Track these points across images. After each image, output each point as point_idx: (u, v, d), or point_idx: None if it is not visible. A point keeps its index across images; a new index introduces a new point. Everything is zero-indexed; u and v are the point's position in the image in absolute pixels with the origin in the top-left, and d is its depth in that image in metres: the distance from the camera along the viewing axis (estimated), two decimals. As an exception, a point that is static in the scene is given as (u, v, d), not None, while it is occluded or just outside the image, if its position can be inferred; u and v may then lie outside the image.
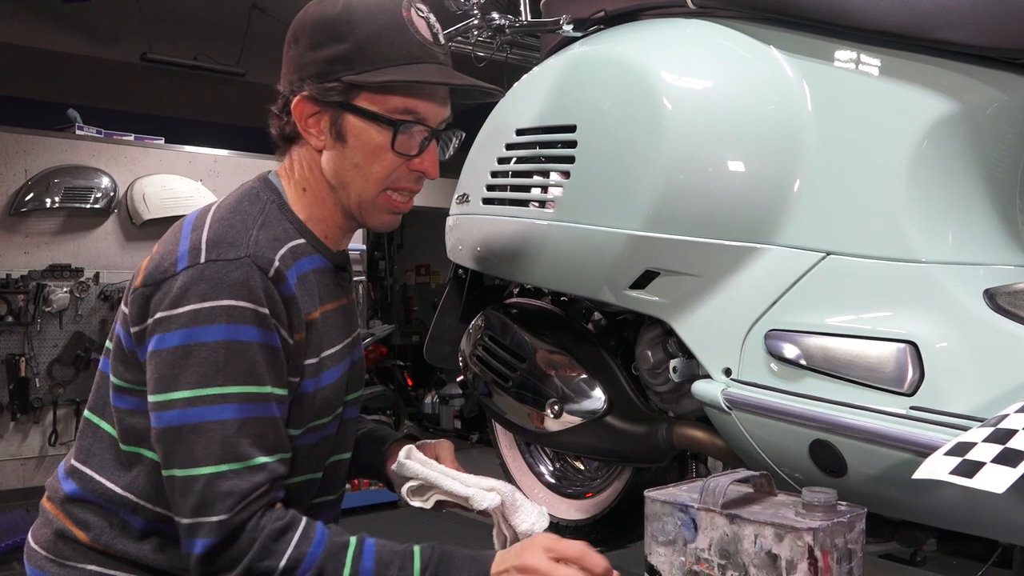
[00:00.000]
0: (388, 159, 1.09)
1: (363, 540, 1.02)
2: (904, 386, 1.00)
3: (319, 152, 1.11)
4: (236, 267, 1.01)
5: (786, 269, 1.14)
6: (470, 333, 1.72)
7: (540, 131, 1.43)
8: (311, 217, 1.14)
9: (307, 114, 1.09)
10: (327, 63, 1.06)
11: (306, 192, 1.14)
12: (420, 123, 1.09)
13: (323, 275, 1.13)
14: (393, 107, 1.07)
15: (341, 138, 1.09)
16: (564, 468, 1.93)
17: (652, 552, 0.98)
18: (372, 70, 1.05)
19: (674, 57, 1.31)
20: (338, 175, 1.11)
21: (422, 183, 1.15)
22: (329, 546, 0.99)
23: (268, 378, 1.01)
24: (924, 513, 1.04)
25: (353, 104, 1.07)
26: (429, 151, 1.12)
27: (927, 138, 1.08)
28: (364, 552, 1.00)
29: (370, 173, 1.10)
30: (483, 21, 1.77)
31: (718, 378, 1.18)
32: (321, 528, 1.01)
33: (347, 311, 1.22)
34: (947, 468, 0.82)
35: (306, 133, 1.10)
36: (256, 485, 0.98)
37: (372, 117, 1.07)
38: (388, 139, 1.08)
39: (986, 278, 1.04)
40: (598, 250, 1.29)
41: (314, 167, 1.12)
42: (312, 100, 1.08)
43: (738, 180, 1.19)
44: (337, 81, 1.06)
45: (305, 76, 1.08)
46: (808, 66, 1.19)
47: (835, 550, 0.87)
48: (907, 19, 1.09)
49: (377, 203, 1.12)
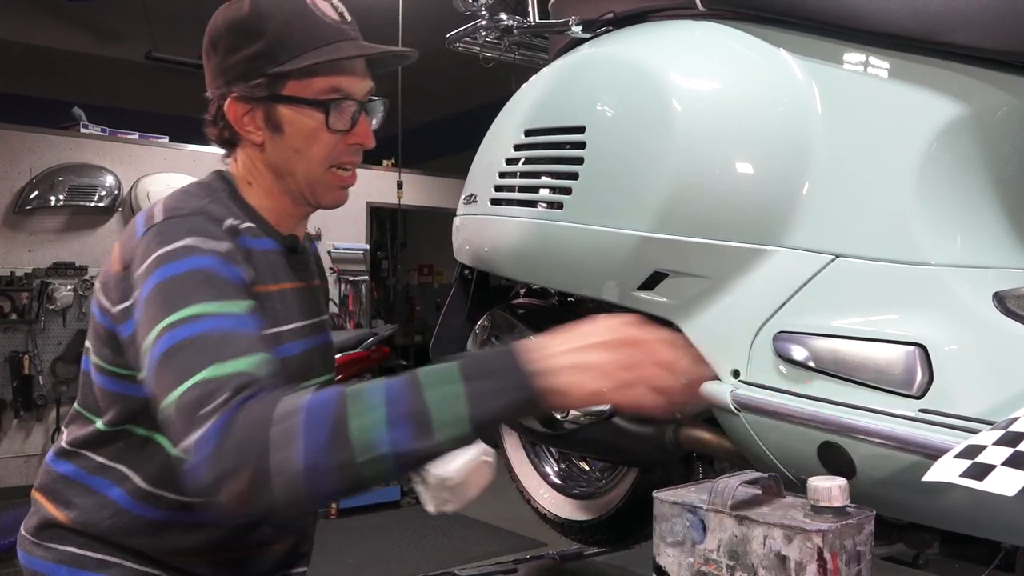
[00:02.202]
0: (325, 139, 1.15)
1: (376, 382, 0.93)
2: (913, 388, 1.00)
3: (259, 147, 1.16)
4: (192, 218, 1.07)
5: (795, 271, 1.14)
6: (476, 333, 1.72)
7: (549, 132, 1.43)
8: (259, 206, 1.19)
9: (240, 114, 1.15)
10: (249, 62, 1.12)
11: (252, 185, 1.19)
12: (347, 98, 1.15)
13: (276, 256, 1.19)
14: (319, 89, 1.13)
15: (278, 129, 1.14)
16: (569, 468, 1.93)
17: (660, 553, 0.98)
18: (292, 59, 1.11)
19: (683, 59, 1.31)
20: (282, 164, 1.17)
21: (360, 154, 1.21)
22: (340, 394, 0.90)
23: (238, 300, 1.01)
24: (933, 516, 1.04)
25: (281, 95, 1.13)
26: (361, 123, 1.18)
27: (937, 141, 1.08)
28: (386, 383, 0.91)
29: (312, 155, 1.16)
30: (491, 22, 1.77)
31: (726, 379, 1.18)
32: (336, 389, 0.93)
33: (309, 294, 1.26)
34: (957, 471, 0.82)
35: (244, 132, 1.16)
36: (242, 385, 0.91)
37: (302, 103, 1.13)
38: (321, 120, 1.14)
39: (995, 281, 1.04)
40: (606, 251, 1.29)
41: (256, 162, 1.18)
42: (242, 100, 1.14)
43: (747, 182, 1.19)
44: (262, 76, 1.12)
45: (231, 79, 1.14)
46: (818, 68, 1.19)
47: (844, 552, 0.87)
48: (917, 22, 1.09)
49: (325, 181, 1.18)
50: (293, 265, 1.23)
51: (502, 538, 4.55)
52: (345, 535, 4.61)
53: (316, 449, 0.85)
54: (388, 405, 0.88)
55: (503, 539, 4.52)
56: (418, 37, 5.99)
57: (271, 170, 1.18)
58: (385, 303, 8.82)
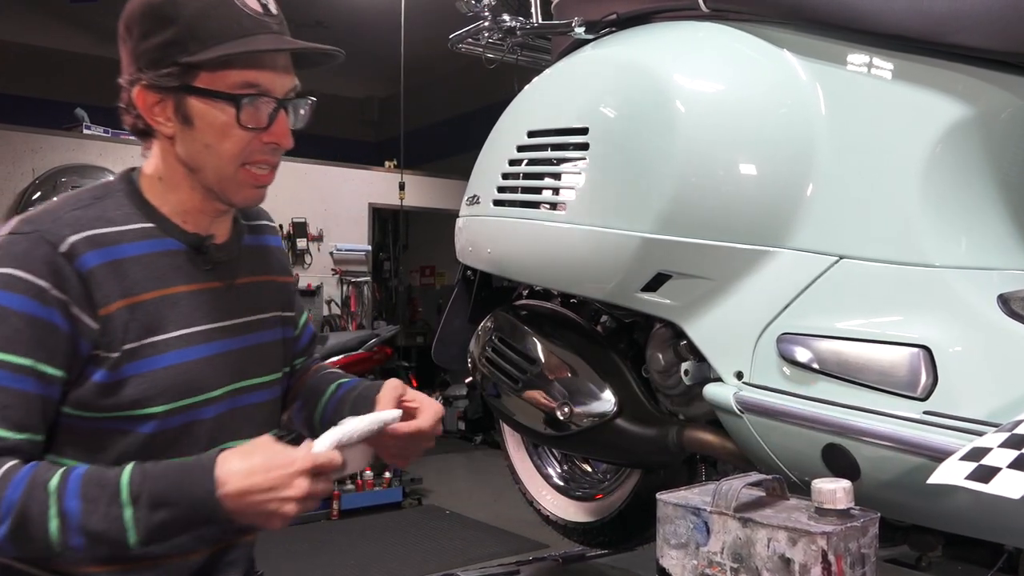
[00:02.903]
0: (237, 135, 1.09)
1: (68, 475, 0.97)
2: (917, 390, 1.00)
3: (170, 139, 1.11)
4: (25, 240, 1.02)
5: (799, 272, 1.14)
6: (479, 335, 1.72)
7: (552, 133, 1.43)
8: (166, 203, 1.14)
9: (149, 103, 1.09)
10: (160, 49, 1.07)
11: (161, 180, 1.14)
12: (263, 94, 1.09)
13: (172, 257, 1.13)
14: (233, 82, 1.07)
15: (188, 121, 1.09)
16: (572, 470, 1.92)
17: (664, 555, 0.98)
18: (204, 49, 1.06)
19: (687, 60, 1.31)
20: (192, 158, 1.11)
21: (279, 154, 1.15)
22: (29, 487, 0.95)
23: (31, 351, 0.99)
24: (938, 518, 1.04)
25: (192, 86, 1.07)
26: (279, 121, 1.11)
27: (941, 142, 1.08)
28: (68, 490, 0.96)
29: (222, 152, 1.10)
30: (494, 23, 1.77)
31: (730, 381, 1.18)
32: (28, 469, 0.97)
33: (219, 295, 1.18)
34: (962, 473, 0.81)
35: (153, 122, 1.10)
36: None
37: (213, 95, 1.08)
38: (233, 115, 1.08)
39: (1000, 283, 1.04)
40: (610, 252, 1.29)
41: (167, 155, 1.13)
42: (152, 88, 1.08)
43: (751, 183, 1.19)
44: (172, 65, 1.06)
45: (141, 66, 1.08)
46: (822, 69, 1.19)
47: (848, 554, 0.87)
48: (921, 23, 1.09)
49: (237, 179, 1.12)
50: (199, 265, 1.16)
51: (504, 539, 4.54)
52: (347, 536, 4.61)
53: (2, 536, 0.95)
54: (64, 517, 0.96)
55: (505, 540, 4.52)
56: (421, 38, 6.01)
57: (182, 164, 1.12)
58: (387, 304, 8.81)
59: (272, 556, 3.16)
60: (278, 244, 1.36)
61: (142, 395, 1.06)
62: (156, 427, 1.08)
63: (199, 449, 1.11)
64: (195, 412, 1.12)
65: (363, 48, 7.60)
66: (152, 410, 1.07)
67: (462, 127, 8.26)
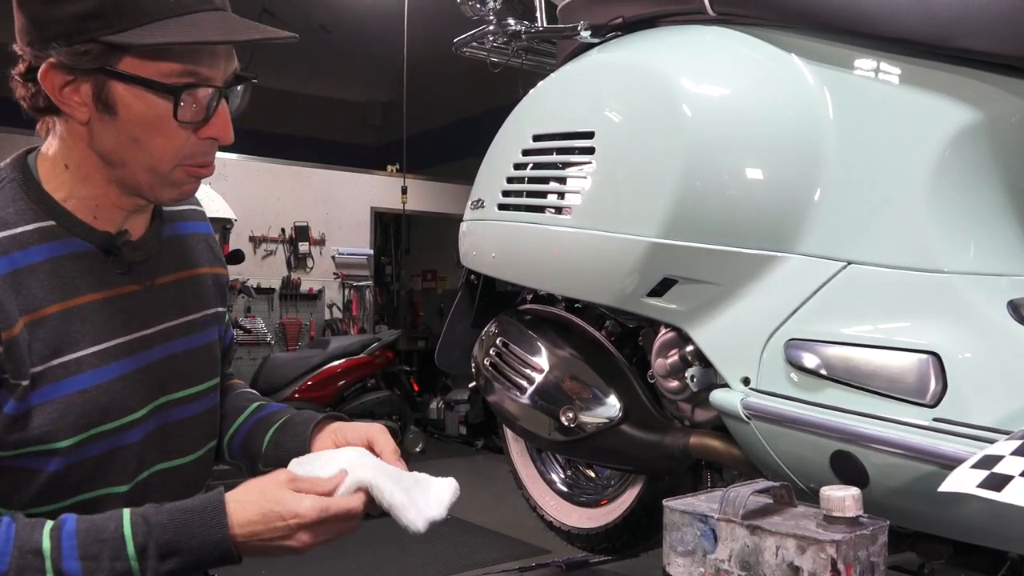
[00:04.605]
0: (172, 131, 0.92)
1: (59, 534, 0.86)
2: (927, 397, 0.99)
3: (84, 125, 0.93)
4: None
5: (806, 278, 1.13)
6: (483, 339, 1.71)
7: (557, 137, 1.42)
8: (72, 196, 0.97)
9: (60, 84, 0.90)
10: (75, 20, 0.87)
11: (68, 169, 0.96)
12: (204, 84, 0.92)
13: (78, 261, 0.96)
14: (169, 71, 0.90)
15: (109, 109, 0.91)
16: (576, 476, 1.91)
17: (670, 563, 0.97)
18: (134, 27, 0.87)
19: (693, 64, 1.30)
20: (114, 151, 0.93)
21: (215, 149, 0.98)
22: (17, 556, 0.84)
23: None
24: (947, 526, 1.03)
25: (117, 70, 0.89)
26: (219, 113, 0.94)
27: (950, 147, 1.07)
28: (64, 551, 0.85)
29: (154, 148, 0.93)
30: (499, 27, 1.76)
31: (736, 387, 1.17)
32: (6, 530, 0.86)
33: (137, 300, 1.02)
34: (974, 481, 0.81)
35: (64, 106, 0.92)
36: None
37: (145, 84, 0.89)
38: (168, 109, 0.91)
39: (1010, 289, 1.03)
40: (615, 257, 1.28)
41: (78, 141, 0.95)
42: (64, 68, 0.89)
43: (758, 188, 1.18)
44: (91, 42, 0.87)
45: (49, 37, 0.88)
46: (829, 74, 1.18)
47: (858, 563, 0.86)
48: (930, 27, 1.08)
49: (172, 178, 0.96)
50: (111, 268, 1.00)
51: (506, 545, 4.53)
52: (347, 541, 4.59)
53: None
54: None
55: (507, 546, 4.50)
56: (424, 41, 6.01)
57: (97, 154, 0.94)
58: (388, 308, 8.81)
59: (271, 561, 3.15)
60: (207, 231, 1.19)
61: (52, 425, 0.92)
62: (72, 459, 0.95)
63: (127, 476, 1.00)
64: (118, 438, 0.98)
65: (366, 52, 7.61)
66: (62, 444, 0.93)
67: (465, 131, 8.27)
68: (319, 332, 7.33)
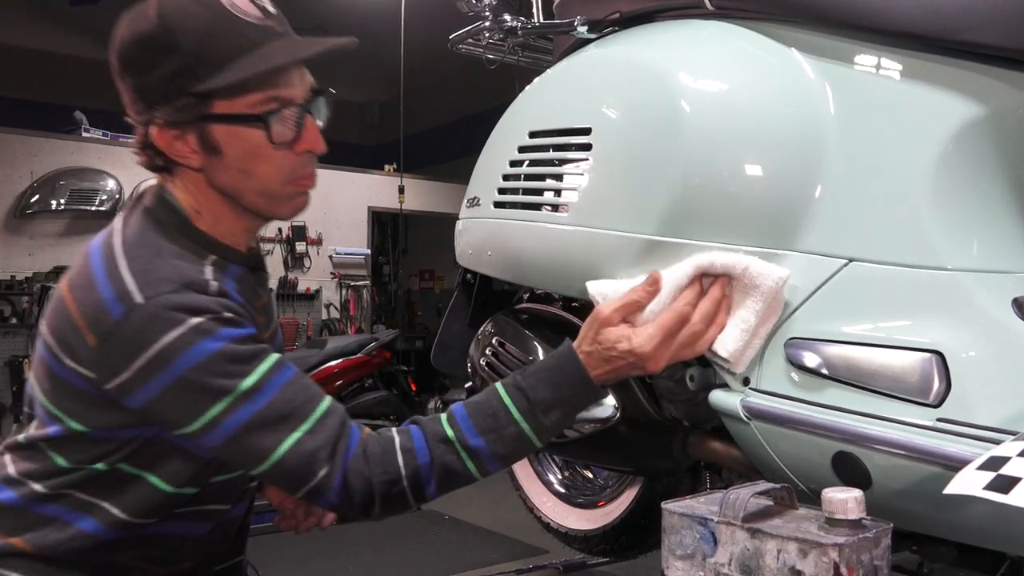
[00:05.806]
0: (271, 154, 1.04)
1: (455, 421, 1.06)
2: (930, 397, 0.97)
3: (200, 171, 1.06)
4: (176, 296, 0.98)
5: (807, 276, 1.11)
6: (479, 339, 1.70)
7: (554, 134, 1.40)
8: (214, 232, 1.09)
9: (170, 140, 1.04)
10: (168, 81, 1.00)
11: (201, 214, 1.08)
12: (287, 105, 1.04)
13: (247, 279, 1.13)
14: (254, 102, 1.02)
15: (215, 151, 1.03)
16: (573, 477, 1.90)
17: (669, 566, 0.95)
18: (215, 73, 0.99)
19: (692, 59, 1.28)
20: (230, 185, 1.06)
21: (315, 160, 1.12)
22: (432, 446, 1.05)
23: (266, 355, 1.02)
24: (952, 528, 1.01)
25: (213, 114, 1.01)
26: (307, 127, 1.07)
27: (953, 142, 1.06)
28: (465, 432, 1.05)
29: (261, 174, 1.05)
30: (495, 23, 1.74)
31: (736, 387, 1.15)
32: (416, 432, 1.06)
33: (269, 309, 1.21)
34: (980, 483, 0.79)
35: (180, 158, 1.05)
36: (331, 429, 1.02)
37: (237, 120, 1.02)
38: (262, 136, 1.03)
39: (1014, 286, 1.01)
40: (612, 255, 1.26)
41: (201, 187, 1.07)
42: (169, 125, 1.02)
43: (758, 185, 1.16)
44: (186, 96, 1.00)
45: (152, 101, 1.02)
46: (830, 68, 1.16)
47: (861, 566, 0.84)
48: (932, 20, 1.06)
49: (285, 195, 1.10)
50: (260, 282, 1.17)
51: (504, 546, 4.51)
52: (345, 542, 4.58)
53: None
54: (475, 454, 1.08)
55: (505, 547, 4.49)
56: (421, 41, 6.00)
57: (219, 192, 1.07)
58: (386, 308, 8.80)
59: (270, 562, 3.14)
60: None
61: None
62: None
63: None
64: None
65: (363, 51, 7.59)
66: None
67: (463, 131, 8.25)
68: (316, 332, 7.33)
